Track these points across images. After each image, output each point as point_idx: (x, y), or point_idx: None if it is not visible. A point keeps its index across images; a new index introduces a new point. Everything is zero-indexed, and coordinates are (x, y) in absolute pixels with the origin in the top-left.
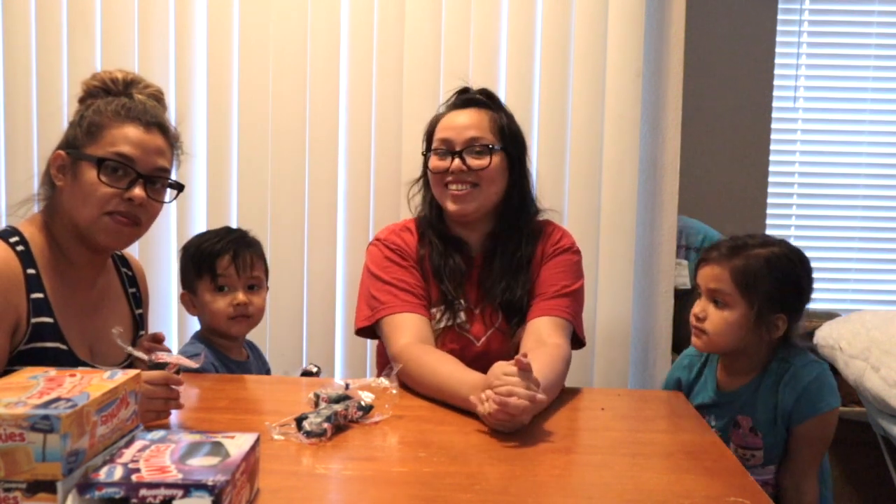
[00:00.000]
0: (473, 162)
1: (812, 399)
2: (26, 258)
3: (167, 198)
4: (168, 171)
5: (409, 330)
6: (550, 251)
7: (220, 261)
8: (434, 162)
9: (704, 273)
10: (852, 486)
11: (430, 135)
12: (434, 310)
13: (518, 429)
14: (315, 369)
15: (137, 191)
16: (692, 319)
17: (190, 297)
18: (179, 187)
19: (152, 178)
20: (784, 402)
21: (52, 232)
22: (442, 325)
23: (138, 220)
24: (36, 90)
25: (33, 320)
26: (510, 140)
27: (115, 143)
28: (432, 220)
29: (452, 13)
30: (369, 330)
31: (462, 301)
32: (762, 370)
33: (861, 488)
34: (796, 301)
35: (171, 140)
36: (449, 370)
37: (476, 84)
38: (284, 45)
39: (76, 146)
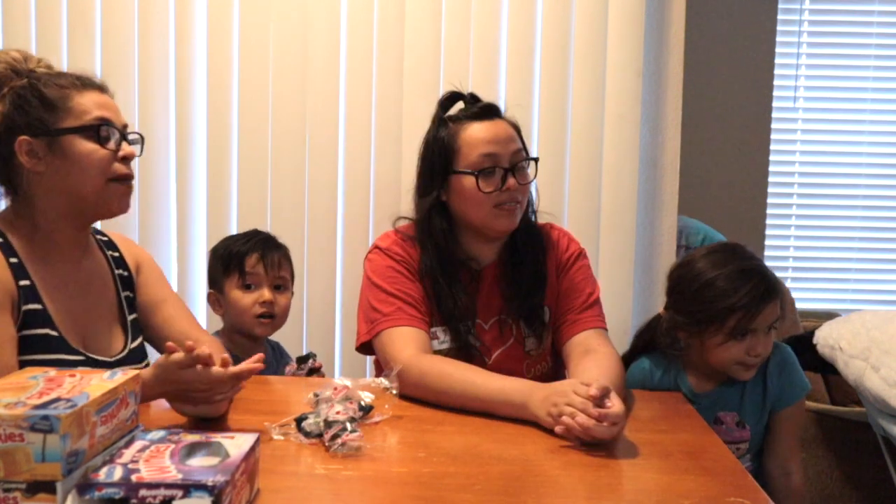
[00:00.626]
0: (522, 178)
1: (794, 381)
2: (6, 248)
3: (138, 151)
4: (129, 125)
5: (412, 342)
6: (564, 260)
7: (249, 259)
8: (485, 183)
9: (768, 312)
10: (852, 486)
11: (450, 150)
12: (436, 329)
13: (612, 438)
14: (310, 355)
15: (128, 148)
16: (747, 358)
17: (216, 296)
18: (142, 139)
19: (127, 135)
20: (773, 388)
21: (31, 219)
22: (445, 346)
23: (133, 177)
24: None
25: (24, 307)
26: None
27: (90, 111)
28: (443, 241)
29: (452, 13)
30: (370, 346)
31: (470, 323)
32: None
33: (861, 488)
34: None
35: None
36: (485, 377)
37: (476, 84)
38: (284, 45)
39: (44, 126)
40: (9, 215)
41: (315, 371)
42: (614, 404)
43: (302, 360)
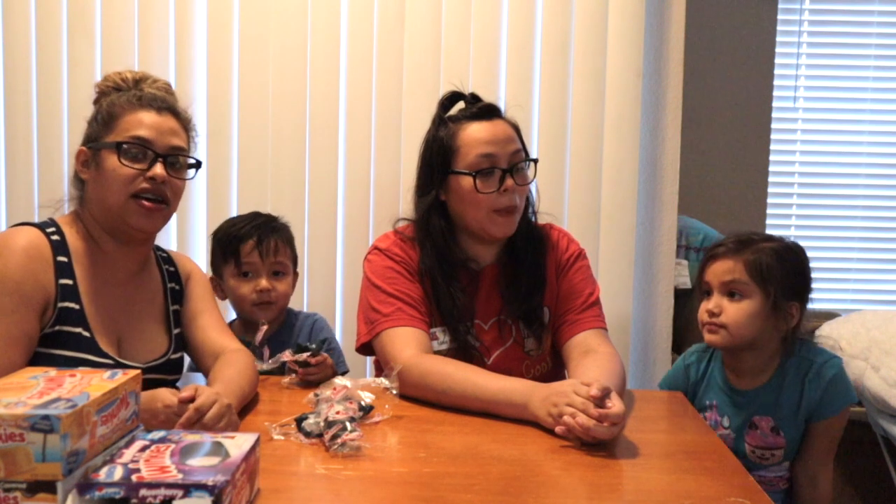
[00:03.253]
0: (521, 179)
1: (836, 396)
2: (59, 247)
3: (188, 175)
4: (185, 150)
5: (412, 342)
6: (564, 261)
7: (244, 246)
8: (482, 184)
9: (716, 268)
10: (852, 486)
11: (449, 150)
12: (436, 330)
13: (612, 438)
14: (314, 346)
15: (158, 169)
16: (704, 316)
17: (217, 282)
18: (198, 164)
19: (170, 157)
20: (809, 398)
21: (84, 224)
22: (445, 347)
23: (165, 199)
24: (36, 90)
25: (60, 304)
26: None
27: (131, 129)
28: (441, 241)
29: (452, 13)
30: (370, 346)
31: (469, 324)
32: (779, 367)
33: (861, 488)
34: (806, 290)
35: (184, 123)
36: (486, 377)
37: (476, 84)
38: (284, 45)
39: (96, 139)
40: (73, 217)
41: (307, 364)
42: (614, 404)
43: (302, 349)
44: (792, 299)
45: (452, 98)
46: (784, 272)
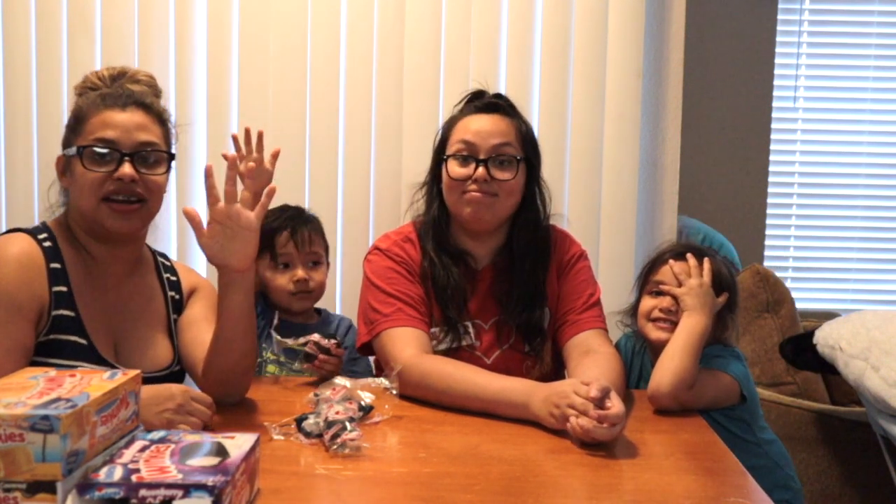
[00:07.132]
0: (498, 173)
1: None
2: (52, 253)
3: (162, 170)
4: (155, 144)
5: (412, 342)
6: (565, 262)
7: (279, 237)
8: (455, 168)
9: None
10: (852, 486)
11: (445, 138)
12: (435, 329)
13: (612, 439)
14: (327, 342)
15: (125, 169)
16: (657, 313)
17: None
18: (170, 157)
19: (139, 154)
20: None
21: (71, 229)
22: (444, 346)
23: (140, 198)
24: (36, 90)
25: (54, 312)
26: (531, 150)
27: (95, 131)
28: (437, 228)
29: (452, 13)
30: (370, 347)
31: (469, 324)
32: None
33: (861, 488)
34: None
35: (155, 115)
36: (487, 377)
37: (477, 84)
38: (284, 45)
39: (67, 145)
40: (62, 220)
41: (311, 358)
42: (614, 405)
43: (331, 336)
44: (731, 310)
45: (476, 95)
46: (732, 281)
